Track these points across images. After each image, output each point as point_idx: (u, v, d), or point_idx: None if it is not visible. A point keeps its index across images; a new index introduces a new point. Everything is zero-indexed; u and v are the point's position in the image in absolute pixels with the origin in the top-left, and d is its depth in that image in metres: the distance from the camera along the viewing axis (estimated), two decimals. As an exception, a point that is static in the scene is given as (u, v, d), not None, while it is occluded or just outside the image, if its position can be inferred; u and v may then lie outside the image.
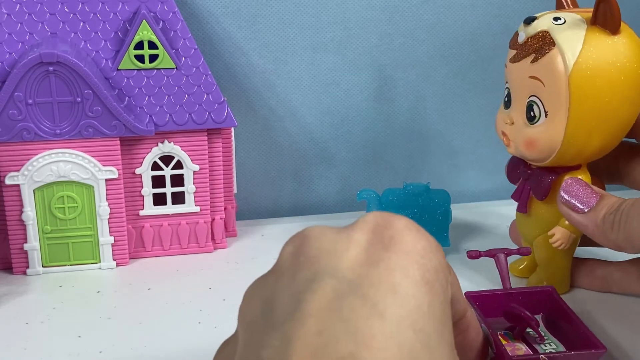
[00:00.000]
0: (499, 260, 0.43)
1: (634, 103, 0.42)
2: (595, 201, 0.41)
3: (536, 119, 0.43)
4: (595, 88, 0.41)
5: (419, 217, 0.52)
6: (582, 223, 0.41)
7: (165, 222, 0.53)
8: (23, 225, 0.49)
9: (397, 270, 0.25)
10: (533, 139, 0.43)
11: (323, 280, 0.25)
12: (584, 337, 0.38)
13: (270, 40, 0.59)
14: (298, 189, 0.64)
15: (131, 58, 0.49)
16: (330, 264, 0.25)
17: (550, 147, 0.43)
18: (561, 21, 0.42)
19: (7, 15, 0.49)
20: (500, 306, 0.41)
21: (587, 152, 0.43)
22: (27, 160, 0.48)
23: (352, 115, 0.62)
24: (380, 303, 0.24)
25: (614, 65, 0.41)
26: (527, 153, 0.44)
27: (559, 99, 0.41)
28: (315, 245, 0.27)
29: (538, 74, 0.42)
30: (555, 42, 0.41)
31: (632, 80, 0.41)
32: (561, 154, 0.43)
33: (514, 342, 0.40)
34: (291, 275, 0.26)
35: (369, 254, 0.26)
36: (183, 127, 0.50)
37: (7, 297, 0.47)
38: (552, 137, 0.42)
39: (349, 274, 0.25)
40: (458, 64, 0.62)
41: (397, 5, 0.60)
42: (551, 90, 0.41)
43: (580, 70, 0.41)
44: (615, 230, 0.39)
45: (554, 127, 0.42)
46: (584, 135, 0.42)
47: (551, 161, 0.43)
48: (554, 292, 0.42)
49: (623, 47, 0.41)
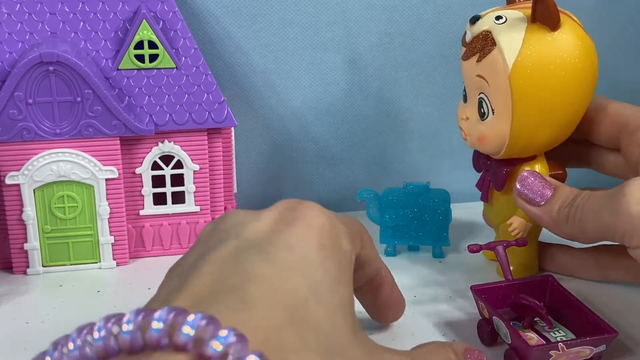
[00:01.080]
0: (499, 253, 0.44)
1: (579, 95, 0.43)
2: (550, 193, 0.42)
3: (486, 115, 0.44)
4: (536, 85, 0.42)
5: (419, 216, 0.52)
6: (537, 215, 0.43)
7: (166, 221, 0.53)
8: (23, 225, 0.49)
9: (295, 236, 0.29)
10: (483, 135, 0.45)
11: (228, 240, 0.28)
12: (592, 322, 0.39)
13: (270, 40, 0.59)
14: (298, 188, 0.64)
15: (131, 58, 0.49)
16: (238, 231, 0.29)
17: (499, 142, 0.44)
18: (502, 20, 0.43)
19: (7, 15, 0.49)
20: (504, 297, 0.42)
21: (536, 145, 0.44)
22: (27, 160, 0.48)
23: (352, 115, 0.62)
24: (273, 254, 0.27)
25: (553, 61, 0.41)
26: (480, 147, 0.46)
27: (503, 97, 0.43)
28: (229, 220, 0.31)
29: (483, 73, 0.43)
30: (496, 42, 0.42)
31: (575, 74, 0.42)
32: (510, 147, 0.44)
33: (524, 332, 0.41)
34: (204, 242, 0.30)
35: (273, 226, 0.29)
36: (183, 126, 0.50)
37: (7, 296, 0.47)
38: (500, 133, 0.44)
39: (252, 237, 0.29)
40: (458, 63, 0.62)
41: (397, 4, 0.60)
42: (495, 89, 0.43)
43: (520, 69, 0.42)
44: (570, 224, 0.40)
45: (501, 123, 0.43)
46: (530, 130, 0.43)
47: (503, 154, 0.45)
48: (554, 280, 0.43)
49: (563, 42, 0.42)
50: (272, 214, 0.31)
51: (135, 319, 0.22)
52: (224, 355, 0.21)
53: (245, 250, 0.27)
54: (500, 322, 0.39)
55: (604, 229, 0.39)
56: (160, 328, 0.21)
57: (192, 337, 0.21)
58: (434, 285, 0.49)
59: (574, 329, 0.41)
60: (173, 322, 0.21)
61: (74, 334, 0.22)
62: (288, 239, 0.29)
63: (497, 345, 0.41)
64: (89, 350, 0.22)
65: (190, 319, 0.21)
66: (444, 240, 0.52)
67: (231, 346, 0.21)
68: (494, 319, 0.40)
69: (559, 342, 0.37)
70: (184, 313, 0.22)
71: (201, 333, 0.21)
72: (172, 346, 0.21)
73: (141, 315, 0.22)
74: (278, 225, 0.30)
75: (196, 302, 0.24)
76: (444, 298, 0.47)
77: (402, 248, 0.54)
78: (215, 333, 0.21)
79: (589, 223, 0.39)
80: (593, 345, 0.37)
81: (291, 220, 0.30)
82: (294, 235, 0.29)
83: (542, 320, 0.41)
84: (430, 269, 0.51)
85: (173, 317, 0.22)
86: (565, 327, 0.41)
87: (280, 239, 0.28)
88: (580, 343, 0.37)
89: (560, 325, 0.41)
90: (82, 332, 0.22)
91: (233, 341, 0.21)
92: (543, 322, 0.41)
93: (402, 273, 0.51)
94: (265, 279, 0.26)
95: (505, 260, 0.43)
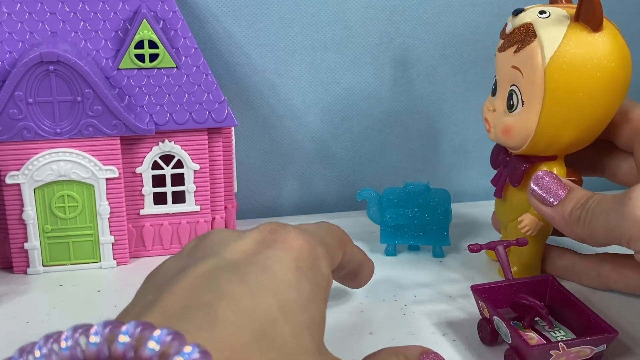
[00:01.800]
0: (499, 253, 0.44)
1: (609, 100, 0.43)
2: (563, 194, 0.42)
3: (514, 107, 0.44)
4: (570, 82, 0.42)
5: (419, 216, 0.52)
6: (549, 215, 0.43)
7: (166, 221, 0.53)
8: (23, 225, 0.49)
9: (273, 258, 0.30)
10: (509, 127, 0.45)
11: (208, 258, 0.29)
12: (593, 322, 0.39)
13: (270, 40, 0.59)
14: (298, 188, 0.64)
15: (131, 57, 0.49)
16: (219, 250, 0.30)
17: (524, 135, 0.44)
18: (546, 15, 0.43)
19: (8, 15, 0.49)
20: (505, 297, 0.42)
21: (559, 144, 0.44)
22: (28, 160, 0.48)
23: (352, 114, 0.62)
24: (248, 274, 0.28)
25: (590, 61, 0.42)
26: (503, 139, 0.46)
27: (535, 90, 0.43)
28: (212, 238, 0.32)
29: (518, 64, 0.43)
30: (537, 35, 0.42)
31: (609, 78, 0.42)
32: (534, 143, 0.44)
33: (524, 331, 0.41)
34: (185, 257, 0.31)
35: (253, 248, 0.30)
36: (183, 126, 0.50)
37: (8, 296, 0.47)
38: (526, 126, 0.44)
39: (231, 256, 0.30)
40: (458, 62, 0.63)
41: (397, 4, 0.60)
42: (528, 81, 0.43)
43: (557, 64, 0.42)
44: (581, 226, 0.40)
45: (528, 116, 0.43)
46: (556, 127, 0.43)
47: (525, 149, 0.45)
48: (554, 279, 0.43)
49: (602, 44, 0.42)
50: (254, 235, 0.31)
51: (103, 331, 0.22)
52: None
53: (221, 269, 0.28)
54: (500, 321, 0.39)
55: (611, 232, 0.39)
56: (126, 342, 0.22)
57: (157, 352, 0.21)
58: (434, 285, 0.49)
59: (574, 329, 0.41)
60: (139, 337, 0.22)
61: (41, 342, 0.22)
62: (265, 260, 0.30)
63: (498, 345, 0.41)
64: (55, 359, 0.22)
65: (157, 334, 0.22)
66: (444, 240, 0.52)
67: None
68: (494, 318, 0.40)
69: (560, 341, 0.37)
70: (150, 328, 0.22)
71: (166, 348, 0.21)
72: None
73: (109, 328, 0.22)
74: (258, 247, 0.31)
75: (167, 318, 0.25)
76: (444, 298, 0.47)
77: (402, 248, 0.54)
78: (180, 349, 0.21)
79: (598, 226, 0.39)
80: (593, 345, 0.37)
81: (270, 243, 0.31)
82: (271, 257, 0.30)
83: (542, 320, 0.41)
84: (430, 268, 0.51)
85: (140, 331, 0.22)
86: (565, 326, 0.41)
87: (258, 260, 0.29)
88: (581, 343, 0.37)
89: (561, 325, 0.42)
90: (49, 340, 0.22)
91: (197, 357, 0.21)
92: (543, 322, 0.41)
93: (402, 273, 0.51)
94: (236, 298, 0.27)
95: (505, 260, 0.44)
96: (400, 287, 0.49)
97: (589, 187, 0.43)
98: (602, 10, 0.41)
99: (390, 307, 0.46)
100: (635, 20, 0.63)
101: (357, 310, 0.44)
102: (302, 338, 0.28)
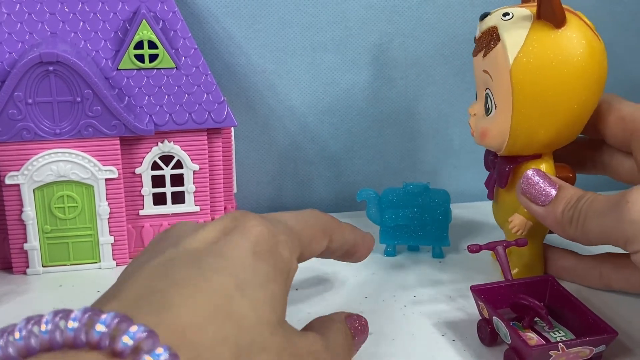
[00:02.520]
0: (498, 253, 0.44)
1: (583, 96, 0.43)
2: (554, 192, 0.42)
3: (490, 110, 0.45)
4: (537, 81, 0.42)
5: (418, 216, 0.52)
6: (541, 215, 0.43)
7: (165, 221, 0.53)
8: (23, 225, 0.49)
9: (230, 245, 0.30)
10: (485, 130, 0.45)
11: (166, 250, 0.30)
12: (592, 322, 0.39)
13: (270, 40, 0.59)
14: (298, 188, 0.64)
15: (131, 58, 0.49)
16: (177, 242, 0.31)
17: (500, 137, 0.45)
18: (509, 17, 0.43)
19: (7, 15, 0.49)
20: (504, 297, 0.42)
21: (538, 143, 0.44)
22: (27, 160, 0.48)
23: (351, 115, 0.62)
24: (202, 260, 0.29)
25: (555, 59, 0.42)
26: (482, 142, 0.46)
27: (504, 92, 0.43)
28: (175, 231, 0.33)
29: (487, 68, 0.44)
30: (500, 38, 0.43)
31: (579, 73, 0.42)
32: (511, 144, 0.44)
33: (524, 332, 0.41)
34: (149, 251, 0.32)
35: (213, 236, 0.31)
36: (183, 126, 0.50)
37: (7, 296, 0.47)
38: (500, 128, 0.44)
39: (189, 246, 0.30)
40: (458, 63, 0.62)
41: (397, 4, 0.60)
42: (498, 84, 0.43)
43: (521, 65, 0.42)
44: (573, 226, 0.40)
45: (502, 118, 0.44)
46: (530, 126, 0.43)
47: (505, 150, 0.45)
48: (554, 280, 0.43)
49: (567, 41, 0.42)
50: (216, 224, 0.32)
51: (53, 319, 0.23)
52: (134, 349, 0.22)
53: (177, 259, 0.29)
54: (500, 322, 0.39)
55: (606, 233, 0.39)
56: (75, 327, 0.23)
57: (105, 334, 0.22)
58: (434, 285, 0.49)
59: (573, 329, 0.41)
60: (88, 322, 0.23)
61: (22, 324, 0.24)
62: (222, 247, 0.30)
63: (497, 345, 0.41)
64: (11, 349, 0.23)
65: (103, 317, 0.23)
66: (443, 240, 0.52)
67: (141, 340, 0.22)
68: (493, 319, 0.40)
69: (559, 342, 0.37)
70: (98, 313, 0.23)
71: (114, 330, 0.23)
72: (88, 344, 0.23)
73: (58, 316, 0.23)
74: (218, 235, 0.31)
75: (122, 307, 0.26)
76: (444, 298, 0.47)
77: (402, 248, 0.54)
78: (126, 329, 0.23)
79: (591, 227, 0.39)
80: (593, 346, 0.37)
81: (230, 230, 0.32)
82: (229, 244, 0.31)
83: (542, 321, 0.41)
84: (430, 269, 0.51)
85: (88, 317, 0.23)
86: (565, 327, 0.41)
87: (215, 248, 0.30)
88: (580, 343, 0.37)
89: (560, 325, 0.42)
90: (4, 334, 0.23)
91: (143, 336, 0.22)
92: (543, 322, 0.41)
93: (402, 273, 0.51)
94: (189, 282, 0.28)
95: (505, 260, 0.43)
96: (399, 288, 0.49)
97: (590, 186, 0.43)
98: (562, 5, 0.41)
99: (390, 308, 0.46)
100: (635, 20, 0.63)
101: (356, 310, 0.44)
102: (262, 311, 0.29)
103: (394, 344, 0.42)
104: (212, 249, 0.30)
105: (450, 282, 0.49)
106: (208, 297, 0.27)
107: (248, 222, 0.32)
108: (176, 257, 0.30)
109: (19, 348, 0.23)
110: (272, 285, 0.30)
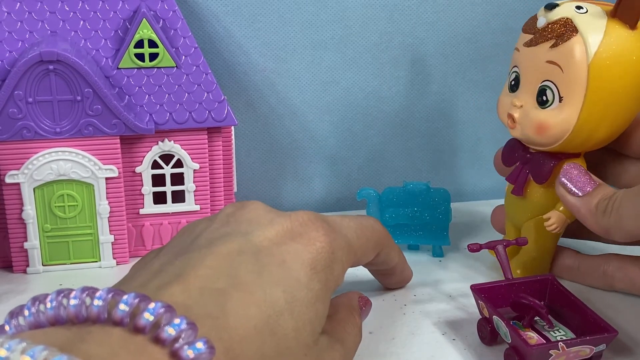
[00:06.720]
0: (498, 252, 0.44)
1: None
2: (591, 188, 0.42)
3: (549, 103, 0.43)
4: (612, 78, 0.41)
5: (419, 215, 0.52)
6: (575, 205, 0.43)
7: (166, 220, 0.53)
8: (23, 224, 0.49)
9: (291, 254, 0.32)
10: (545, 123, 0.43)
11: (236, 237, 0.32)
12: (592, 322, 0.39)
13: (270, 39, 0.59)
14: (298, 187, 0.64)
15: (131, 56, 0.49)
16: (248, 230, 0.33)
17: (561, 132, 0.43)
18: (583, 10, 0.43)
19: (7, 14, 0.49)
20: (504, 297, 0.42)
21: (593, 141, 0.44)
22: (27, 159, 0.48)
23: (352, 114, 0.62)
24: (264, 266, 0.31)
25: (631, 58, 0.41)
26: (536, 136, 0.44)
27: (577, 86, 0.42)
28: (247, 214, 0.34)
29: (557, 59, 0.42)
30: (578, 30, 0.42)
31: None
32: (569, 140, 0.43)
33: (524, 331, 0.41)
34: (218, 227, 0.33)
35: (280, 236, 0.33)
36: (183, 125, 0.50)
37: (7, 295, 0.47)
38: (565, 122, 0.43)
39: (257, 241, 0.32)
40: (458, 62, 0.63)
41: (397, 3, 0.60)
42: (570, 77, 0.42)
43: (600, 60, 0.41)
44: (607, 216, 0.40)
45: (568, 112, 0.42)
46: (595, 123, 0.43)
47: (556, 147, 0.44)
48: (554, 279, 0.43)
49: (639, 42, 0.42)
50: (285, 223, 0.34)
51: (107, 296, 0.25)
52: (175, 339, 0.24)
53: (244, 253, 0.31)
54: (500, 321, 0.39)
55: None
56: (125, 310, 0.24)
57: (150, 322, 0.24)
58: (434, 284, 0.49)
59: (574, 328, 0.41)
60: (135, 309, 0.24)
61: (29, 303, 0.25)
62: (285, 254, 0.32)
63: (497, 345, 0.41)
64: (42, 317, 0.25)
65: (151, 306, 0.24)
66: (444, 239, 0.52)
67: (183, 332, 0.24)
68: (494, 318, 0.40)
69: (559, 341, 0.37)
70: (146, 300, 0.25)
71: (159, 319, 0.24)
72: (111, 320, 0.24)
73: (111, 294, 0.25)
74: (284, 237, 0.33)
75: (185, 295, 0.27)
76: (444, 297, 0.47)
77: (402, 247, 0.54)
78: (171, 320, 0.24)
79: (625, 215, 0.39)
80: (593, 345, 0.37)
81: (296, 236, 0.33)
82: (292, 252, 0.32)
83: (542, 320, 0.41)
84: (430, 268, 0.51)
85: (137, 302, 0.25)
86: (565, 326, 0.41)
87: (279, 252, 0.32)
88: (580, 342, 0.37)
89: (560, 324, 0.42)
90: (36, 302, 0.25)
91: (185, 328, 0.24)
92: (543, 322, 0.41)
93: (402, 272, 0.51)
94: (248, 287, 0.29)
95: (505, 259, 0.43)
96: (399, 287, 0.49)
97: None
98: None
99: (390, 307, 0.46)
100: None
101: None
102: (303, 332, 0.30)
103: (394, 343, 0.42)
104: (276, 254, 0.32)
105: (450, 281, 0.49)
106: (262, 311, 0.29)
107: (315, 232, 0.34)
108: (243, 252, 0.31)
109: (49, 317, 0.25)
110: (318, 305, 0.32)
